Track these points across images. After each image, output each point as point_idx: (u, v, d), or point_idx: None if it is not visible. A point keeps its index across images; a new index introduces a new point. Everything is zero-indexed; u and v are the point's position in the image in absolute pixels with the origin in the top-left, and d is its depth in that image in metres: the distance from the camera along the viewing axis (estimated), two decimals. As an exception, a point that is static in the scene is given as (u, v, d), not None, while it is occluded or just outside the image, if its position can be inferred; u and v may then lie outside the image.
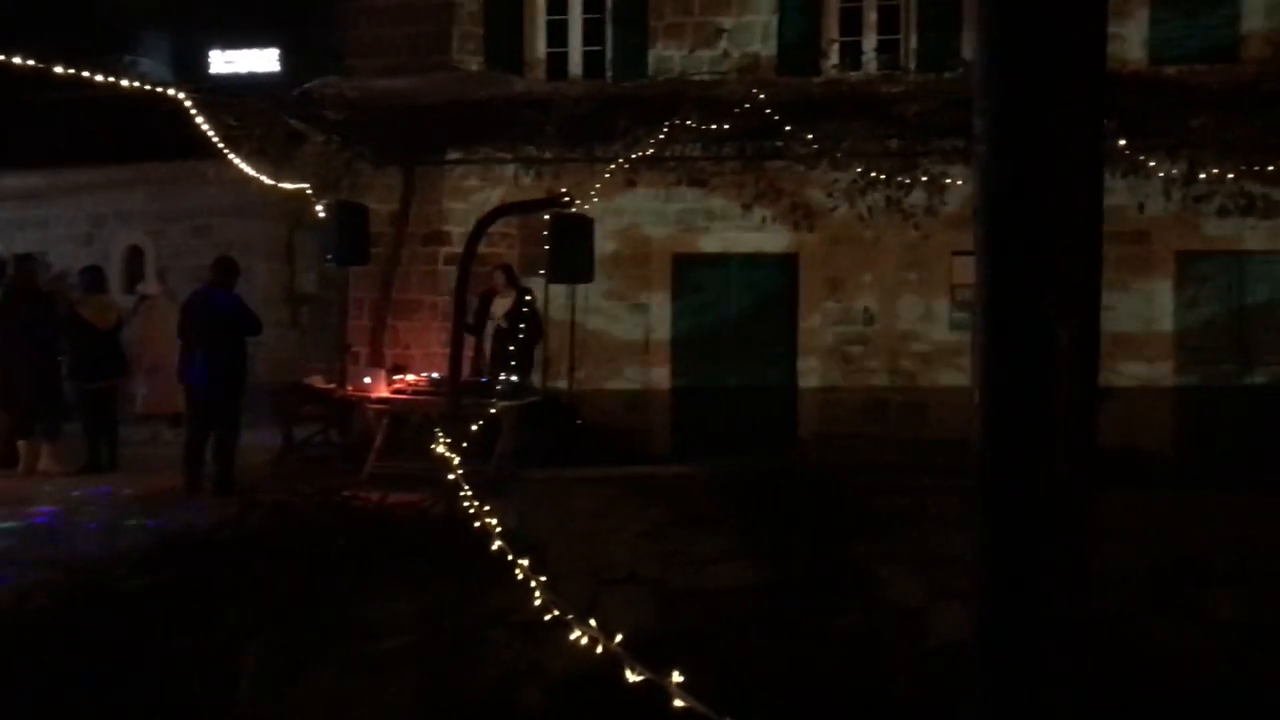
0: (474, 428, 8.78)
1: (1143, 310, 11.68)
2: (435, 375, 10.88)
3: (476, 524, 5.82)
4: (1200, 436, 11.47)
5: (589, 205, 11.24)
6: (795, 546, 9.27)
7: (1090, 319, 1.99)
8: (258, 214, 15.21)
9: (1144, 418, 11.51)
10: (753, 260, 12.43)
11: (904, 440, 11.45)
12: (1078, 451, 2.03)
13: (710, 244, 12.41)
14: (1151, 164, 11.02)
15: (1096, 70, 2.02)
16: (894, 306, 12.20)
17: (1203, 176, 11.05)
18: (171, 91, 10.42)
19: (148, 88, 10.29)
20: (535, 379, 11.32)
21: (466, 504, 6.43)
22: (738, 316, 12.46)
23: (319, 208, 11.59)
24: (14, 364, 10.17)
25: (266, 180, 11.96)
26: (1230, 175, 11.01)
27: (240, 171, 12.13)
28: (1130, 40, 11.66)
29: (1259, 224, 11.38)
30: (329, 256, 11.16)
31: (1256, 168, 10.96)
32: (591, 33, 12.80)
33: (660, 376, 12.56)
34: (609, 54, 12.69)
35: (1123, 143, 10.68)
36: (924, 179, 11.37)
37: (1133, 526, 8.39)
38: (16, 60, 8.85)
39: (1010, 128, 1.98)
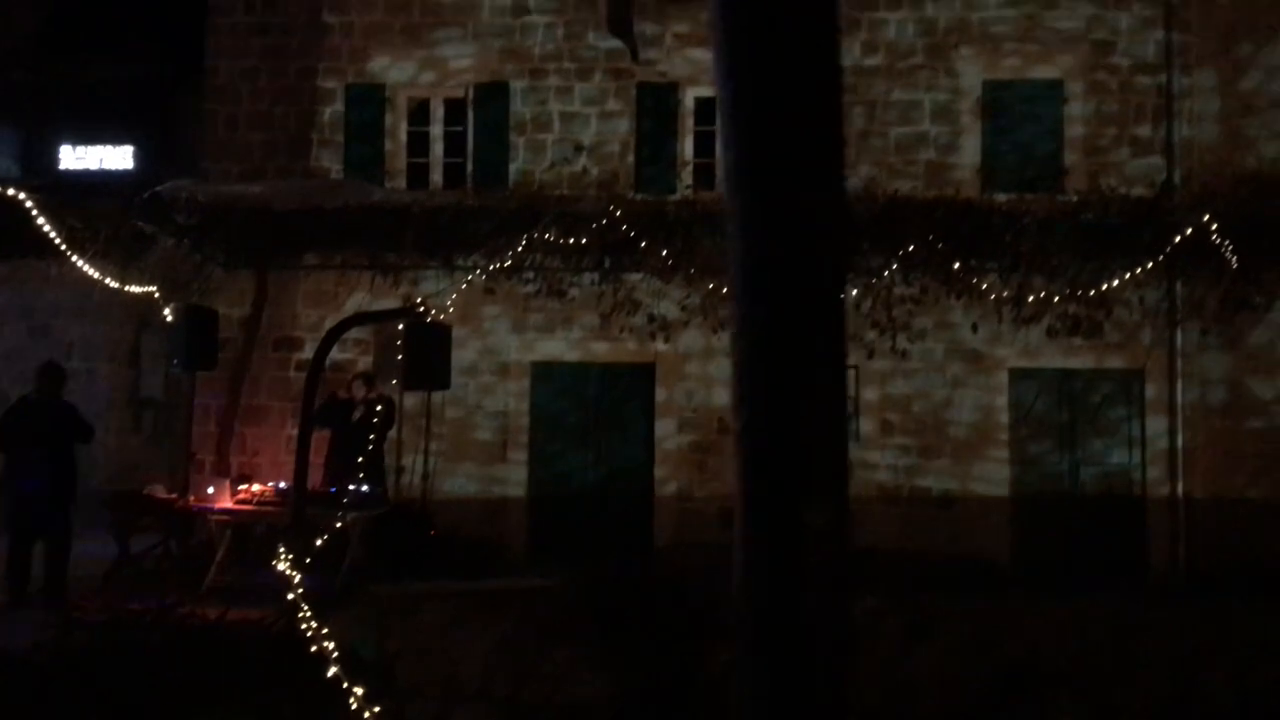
0: (319, 540, 8.57)
1: (980, 424, 12.20)
2: (282, 485, 10.60)
3: (315, 645, 5.66)
4: (1035, 543, 11.94)
5: (447, 312, 11.26)
6: (651, 658, 9.25)
7: (840, 505, 2.11)
8: (102, 315, 14.71)
9: (983, 526, 11.96)
10: (610, 370, 12.59)
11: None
12: (832, 632, 2.12)
13: (569, 353, 12.53)
14: (984, 286, 11.65)
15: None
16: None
17: (1031, 299, 11.72)
18: (11, 192, 10.13)
19: (-12, 185, 9.97)
20: (389, 488, 11.16)
21: (306, 622, 6.25)
22: (595, 426, 12.54)
23: (167, 311, 11.32)
24: None
25: (112, 283, 11.65)
26: (1056, 298, 11.70)
27: (85, 272, 11.80)
28: (963, 168, 12.38)
29: (1084, 343, 12.06)
30: (175, 361, 10.89)
31: (1080, 291, 11.67)
32: (453, 145, 12.97)
33: (517, 485, 12.51)
34: (470, 166, 12.87)
35: (957, 265, 11.27)
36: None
37: (972, 633, 8.64)
38: None
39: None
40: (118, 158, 26.52)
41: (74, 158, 26.61)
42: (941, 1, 12.45)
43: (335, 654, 5.38)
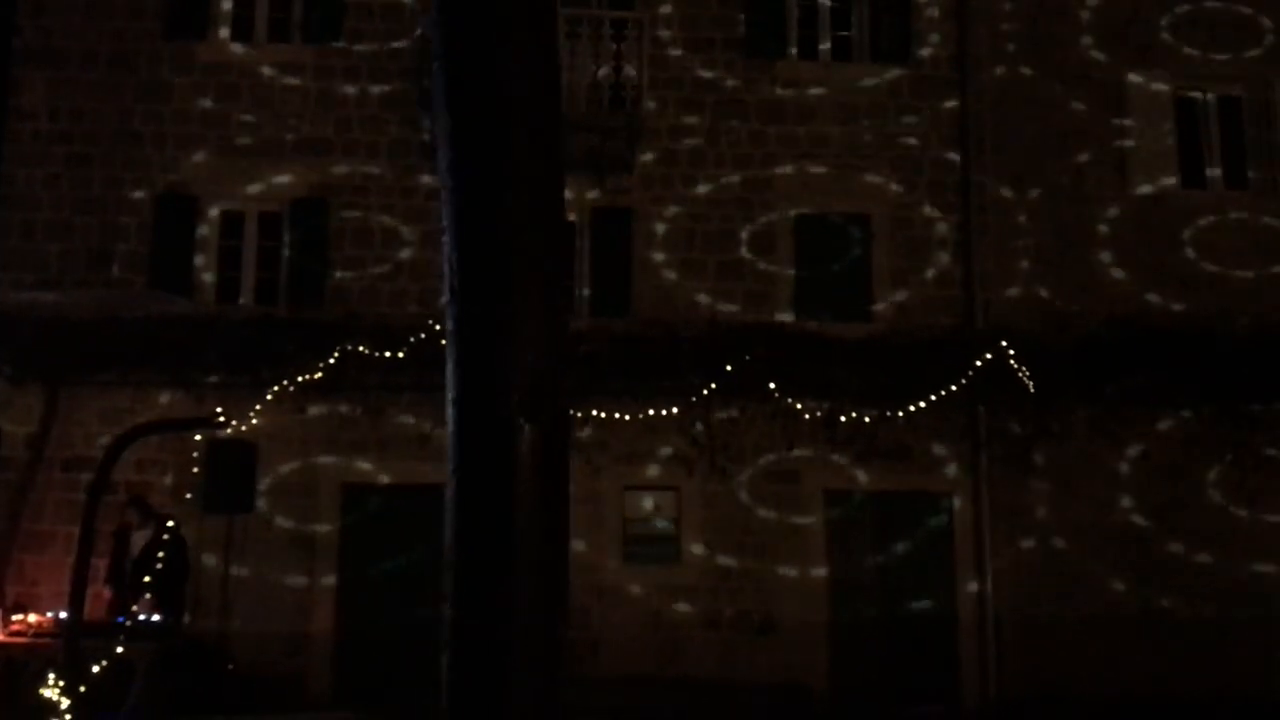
0: (95, 671, 7.85)
1: (797, 546, 12.28)
2: (63, 615, 9.76)
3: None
4: (852, 668, 11.98)
5: (253, 427, 10.75)
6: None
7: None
8: None
9: (801, 650, 11.95)
10: (426, 492, 12.16)
11: (573, 678, 11.24)
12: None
13: (384, 474, 12.10)
14: (799, 407, 11.89)
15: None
16: (571, 542, 12.21)
17: (843, 420, 12.01)
18: None
19: None
20: (184, 619, 10.41)
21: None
22: (408, 552, 12.05)
23: (-59, 428, 10.47)
24: None
25: (-121, 394, 10.74)
26: (866, 419, 12.03)
27: None
28: (779, 299, 12.74)
29: (895, 465, 12.38)
30: (-53, 482, 10.02)
31: (889, 414, 12.04)
32: (267, 259, 12.63)
33: (324, 616, 11.85)
34: (284, 280, 12.51)
35: (772, 386, 11.49)
36: (595, 414, 11.72)
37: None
38: None
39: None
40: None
41: None
42: (760, 148, 12.98)
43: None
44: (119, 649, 8.51)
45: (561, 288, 1.98)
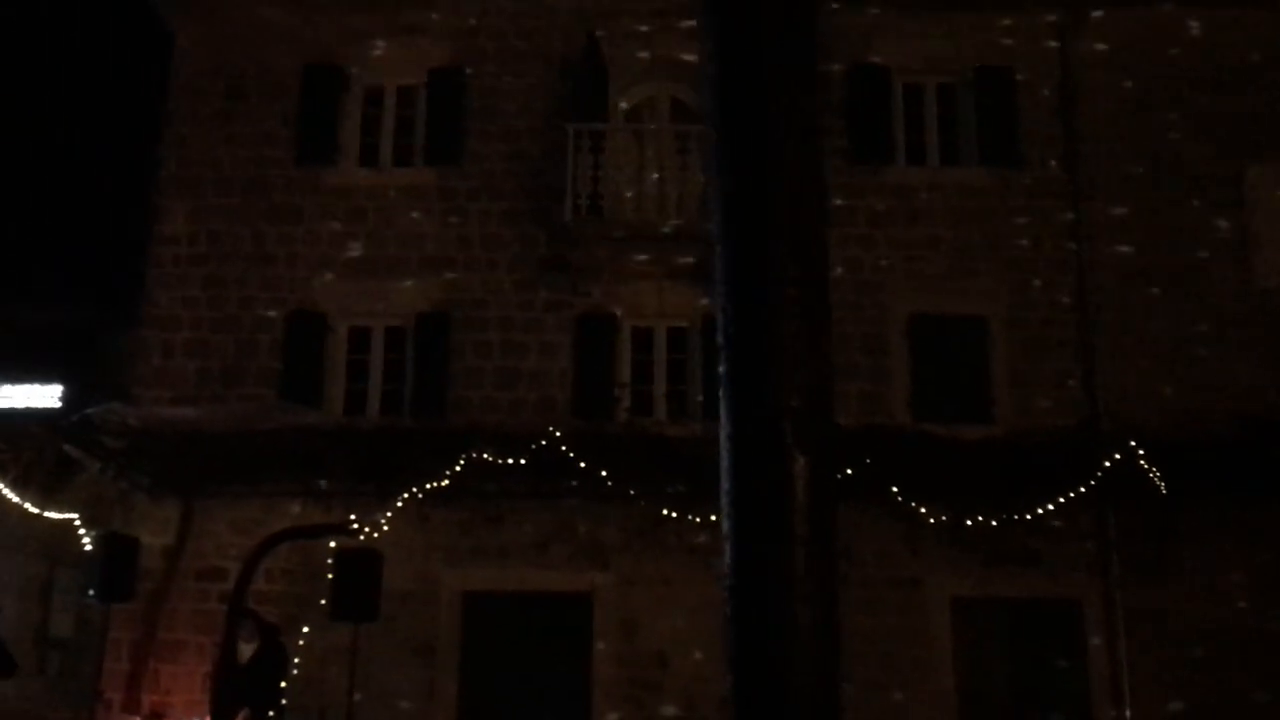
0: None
1: (922, 656, 11.95)
2: (196, 723, 9.98)
3: None
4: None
5: (377, 537, 10.95)
6: None
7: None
8: (13, 549, 14.11)
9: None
10: (546, 599, 12.22)
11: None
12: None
13: (504, 582, 12.18)
14: (922, 510, 11.70)
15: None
16: (689, 650, 12.08)
17: (969, 524, 11.77)
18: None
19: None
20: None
21: None
22: (529, 658, 12.04)
23: (86, 540, 10.88)
24: None
25: (31, 509, 11.22)
26: (994, 523, 11.77)
27: (3, 498, 11.37)
28: (894, 400, 12.66)
29: (1023, 570, 12.04)
30: (91, 593, 10.37)
31: (1015, 517, 11.77)
32: (393, 372, 13.03)
33: (446, 726, 11.85)
34: (408, 392, 12.87)
35: (895, 489, 11.35)
36: (712, 519, 11.66)
37: None
38: None
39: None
40: (45, 396, 26.22)
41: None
42: (869, 251, 13.07)
43: None
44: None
45: (825, 331, 2.07)
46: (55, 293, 28.31)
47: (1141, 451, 11.60)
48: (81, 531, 11.21)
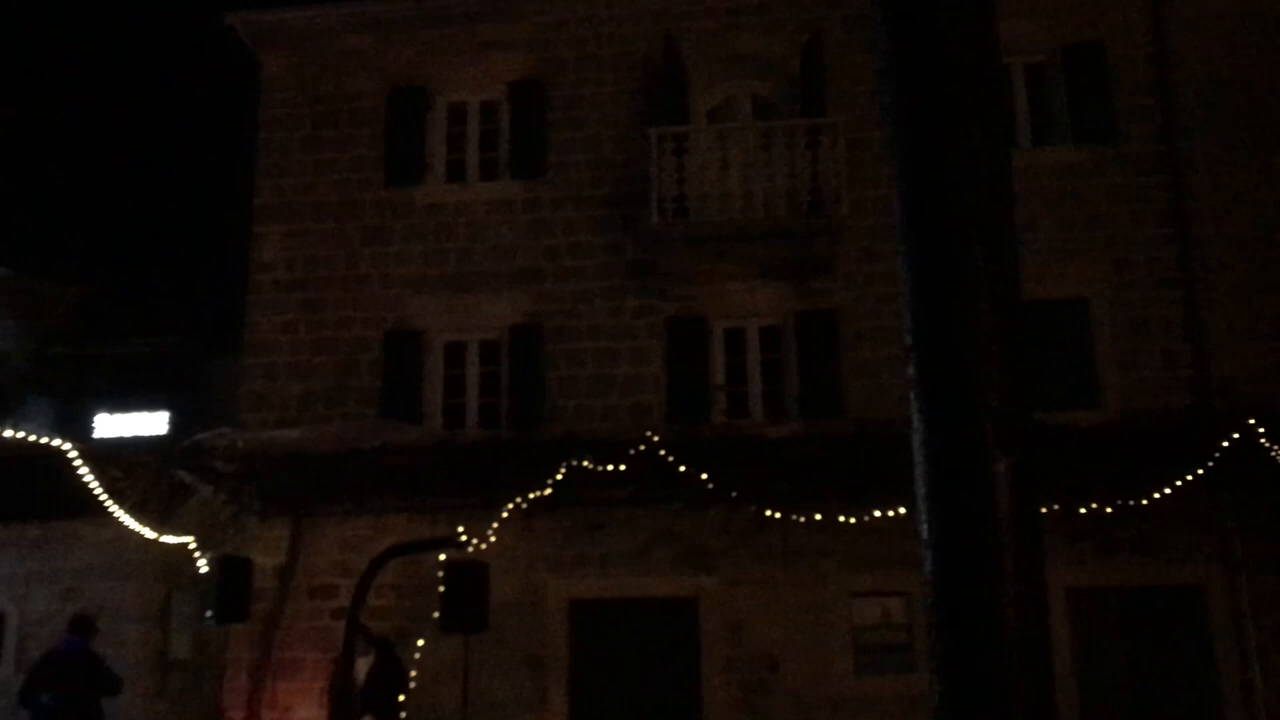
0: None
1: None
2: (316, 738, 10.17)
3: None
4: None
5: (484, 548, 11.03)
6: None
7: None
8: (132, 574, 14.50)
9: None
10: (652, 605, 12.20)
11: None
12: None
13: (609, 589, 12.19)
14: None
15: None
16: (797, 652, 11.96)
17: (1081, 512, 11.45)
18: (56, 442, 10.21)
19: (30, 439, 10.07)
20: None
21: None
22: (637, 665, 12.03)
23: (201, 563, 11.16)
24: None
25: (148, 534, 11.56)
26: (1107, 510, 11.44)
27: (117, 530, 11.74)
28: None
29: (1138, 558, 11.68)
30: (208, 614, 10.61)
31: (1130, 502, 11.42)
32: (488, 384, 13.14)
33: (558, 734, 11.89)
34: (504, 404, 12.97)
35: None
36: (816, 518, 11.55)
37: None
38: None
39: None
40: (153, 423, 27.06)
41: (109, 425, 27.17)
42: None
43: None
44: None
45: (1019, 327, 2.00)
46: (161, 323, 29.25)
47: (1261, 429, 11.18)
48: (196, 554, 11.51)
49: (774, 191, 12.52)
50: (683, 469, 11.33)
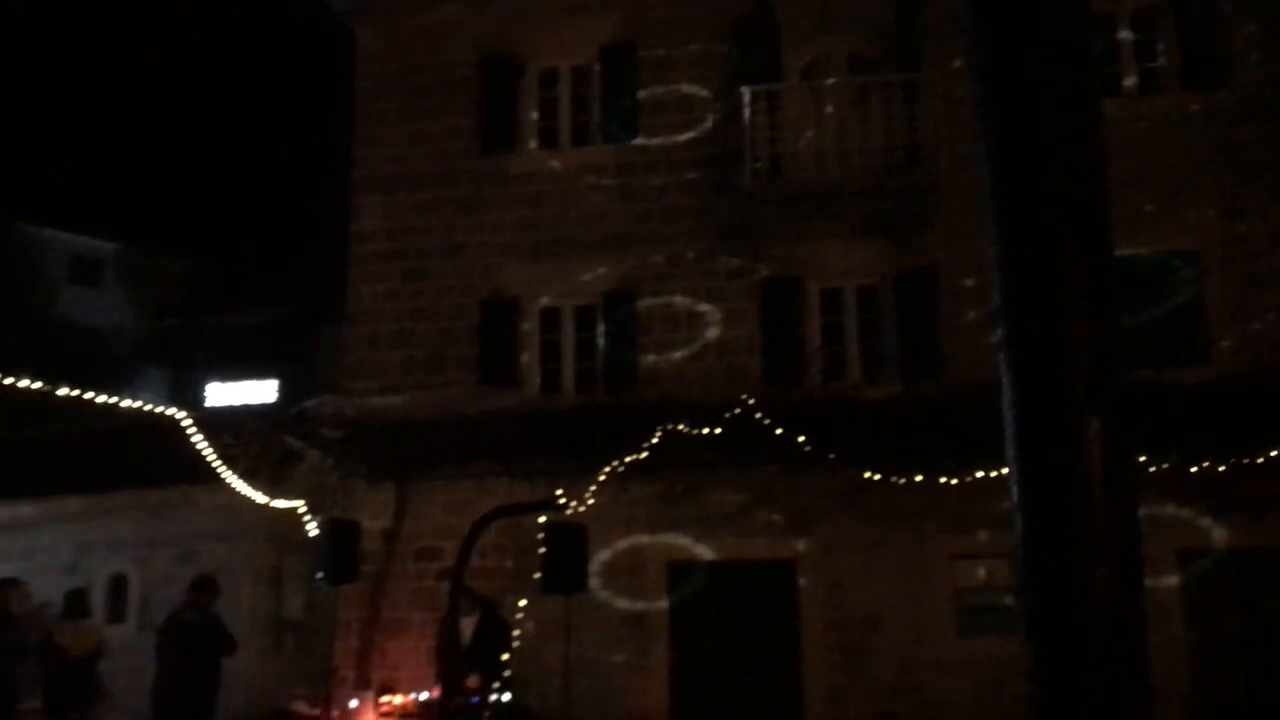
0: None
1: (1149, 609, 11.36)
2: (424, 696, 10.45)
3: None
4: None
5: (583, 511, 11.15)
6: None
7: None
8: (246, 538, 15.05)
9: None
10: (750, 567, 12.22)
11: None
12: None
13: (707, 551, 12.25)
14: (1142, 459, 11.12)
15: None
16: (898, 614, 11.88)
17: (1193, 470, 11.13)
18: (171, 411, 10.60)
19: (147, 409, 10.47)
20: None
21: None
22: (736, 625, 12.08)
23: (311, 526, 11.51)
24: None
25: (260, 498, 11.95)
26: (1220, 469, 11.10)
27: (230, 495, 12.15)
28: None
29: (1256, 518, 11.32)
30: (319, 575, 10.95)
31: (1243, 461, 11.06)
32: (584, 349, 13.24)
33: (657, 694, 12.02)
34: (600, 368, 13.07)
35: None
36: (917, 479, 11.42)
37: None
38: (23, 384, 9.06)
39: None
40: (262, 391, 27.93)
41: (220, 394, 28.11)
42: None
43: None
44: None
45: (1110, 284, 1.96)
46: (268, 295, 30.10)
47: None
48: (306, 518, 11.87)
49: (870, 148, 12.32)
50: (779, 431, 11.29)
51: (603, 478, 11.43)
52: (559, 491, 10.69)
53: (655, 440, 11.42)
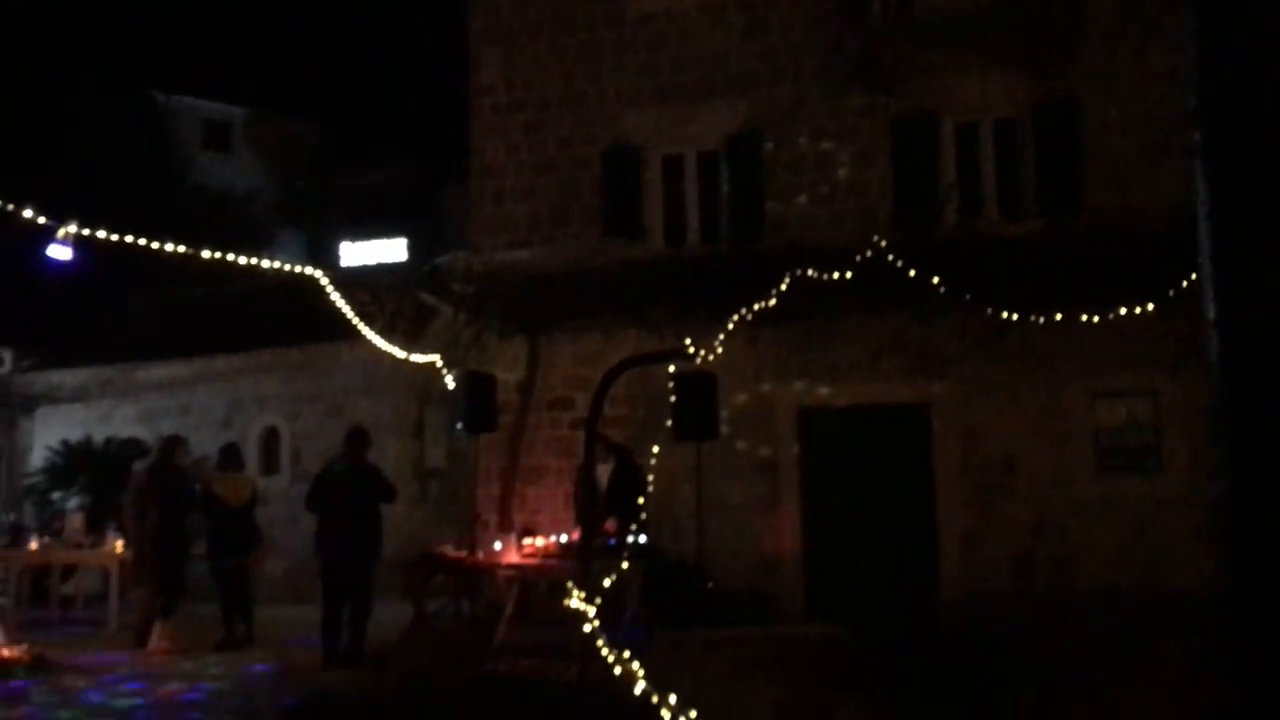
0: (607, 586, 8.57)
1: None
2: (564, 539, 10.79)
3: (618, 687, 5.58)
4: None
5: (712, 360, 11.18)
6: (943, 715, 8.70)
7: None
8: (388, 392, 15.61)
9: None
10: (882, 412, 12.14)
11: (1054, 599, 10.81)
12: None
13: (838, 397, 12.19)
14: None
15: None
16: (1036, 456, 11.70)
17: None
18: (310, 271, 10.88)
19: (288, 268, 10.77)
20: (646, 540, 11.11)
21: (606, 667, 6.19)
22: (870, 471, 12.09)
23: (449, 379, 11.81)
24: (150, 541, 10.43)
25: (399, 353, 12.28)
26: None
27: (371, 351, 12.52)
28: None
29: None
30: (459, 425, 11.30)
31: None
32: (708, 196, 13.05)
33: (790, 536, 12.19)
34: (725, 216, 12.88)
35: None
36: (1056, 318, 11.07)
37: None
38: (170, 248, 9.39)
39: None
40: (392, 250, 28.54)
41: (353, 253, 28.84)
42: None
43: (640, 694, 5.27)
44: (623, 565, 9.24)
45: None
46: (391, 153, 30.43)
47: None
48: (444, 371, 12.18)
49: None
50: (912, 274, 11.02)
51: (731, 326, 11.37)
52: (687, 341, 10.72)
53: (783, 288, 11.27)
